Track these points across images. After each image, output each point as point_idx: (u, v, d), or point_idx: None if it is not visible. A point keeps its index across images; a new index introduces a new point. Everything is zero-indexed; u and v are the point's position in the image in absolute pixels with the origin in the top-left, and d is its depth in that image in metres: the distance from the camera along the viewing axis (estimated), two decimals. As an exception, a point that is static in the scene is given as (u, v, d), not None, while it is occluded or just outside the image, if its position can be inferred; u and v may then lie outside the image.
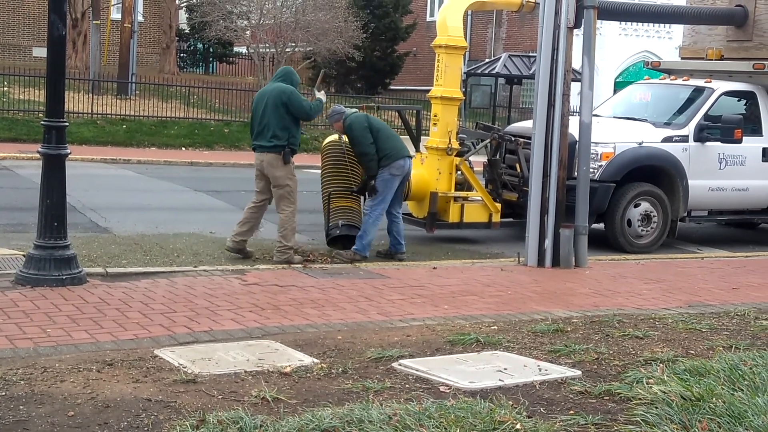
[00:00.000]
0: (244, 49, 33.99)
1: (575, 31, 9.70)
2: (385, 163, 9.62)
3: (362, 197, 10.14)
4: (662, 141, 11.55)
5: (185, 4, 33.68)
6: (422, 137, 11.92)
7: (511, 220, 11.87)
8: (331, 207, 10.07)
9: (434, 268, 9.15)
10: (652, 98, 12.95)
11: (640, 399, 4.81)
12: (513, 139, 11.55)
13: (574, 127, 9.88)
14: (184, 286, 7.46)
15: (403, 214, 11.39)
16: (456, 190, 11.22)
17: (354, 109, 10.12)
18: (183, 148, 21.83)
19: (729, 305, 7.90)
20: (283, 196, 9.13)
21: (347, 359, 5.58)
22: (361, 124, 9.64)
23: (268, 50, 28.94)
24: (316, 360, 5.53)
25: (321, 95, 9.72)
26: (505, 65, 24.03)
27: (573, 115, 10.08)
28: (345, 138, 10.12)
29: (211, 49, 37.65)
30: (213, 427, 4.19)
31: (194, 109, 25.14)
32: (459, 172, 11.24)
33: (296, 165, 9.42)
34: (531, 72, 21.67)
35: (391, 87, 34.14)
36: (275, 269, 8.53)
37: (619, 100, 13.63)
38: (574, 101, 10.61)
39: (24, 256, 7.69)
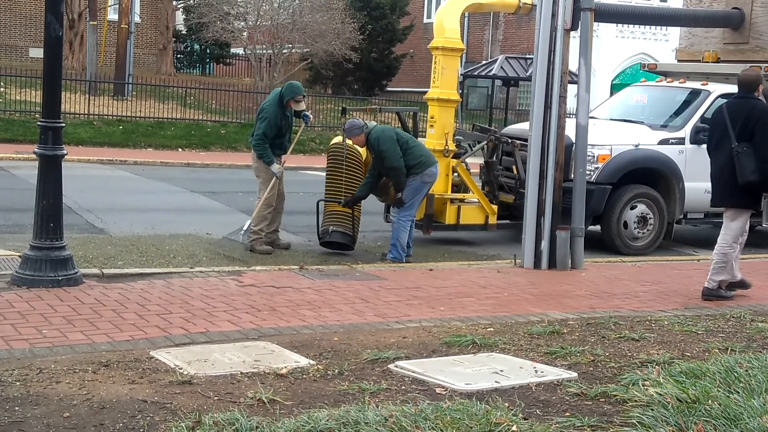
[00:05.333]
0: (241, 51, 34.01)
1: (572, 33, 9.71)
2: (417, 171, 9.63)
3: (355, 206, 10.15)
4: (659, 143, 11.57)
5: (182, 5, 33.67)
6: (419, 139, 11.91)
7: (507, 222, 11.88)
8: (325, 210, 10.13)
9: (431, 269, 9.15)
10: (648, 100, 12.96)
11: (636, 401, 4.81)
12: (510, 141, 11.55)
13: (570, 129, 9.89)
14: (180, 288, 7.45)
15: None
16: (453, 191, 11.23)
17: (373, 122, 10.10)
18: (179, 149, 21.82)
19: (725, 307, 7.92)
20: (260, 188, 10.16)
21: (343, 361, 5.58)
22: (391, 138, 9.58)
23: (265, 51, 28.95)
24: (312, 361, 5.53)
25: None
26: (502, 67, 24.03)
27: (570, 117, 10.09)
28: (348, 141, 10.14)
29: (208, 51, 37.64)
30: (209, 429, 4.19)
31: (191, 110, 25.14)
32: (456, 174, 11.25)
33: (293, 166, 9.48)
34: (528, 74, 21.67)
35: (388, 89, 34.15)
36: (271, 270, 8.52)
37: (616, 102, 13.65)
38: (571, 103, 10.63)
39: (20, 256, 7.67)
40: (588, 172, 10.38)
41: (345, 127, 10.07)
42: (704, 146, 11.69)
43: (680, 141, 11.67)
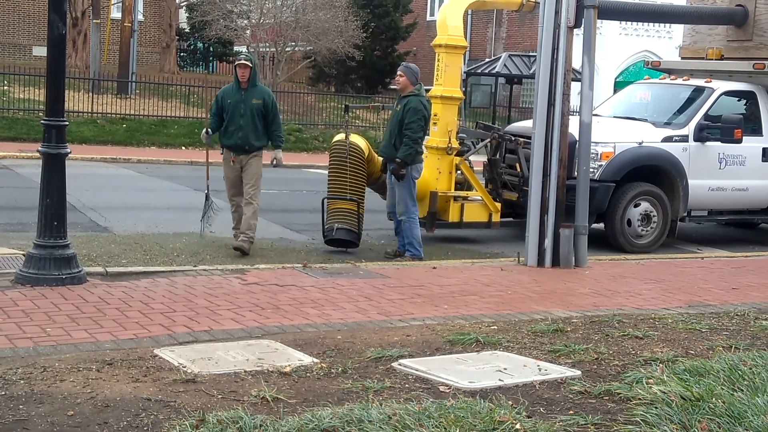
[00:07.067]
0: (244, 48, 33.99)
1: (575, 30, 9.69)
2: (413, 163, 9.59)
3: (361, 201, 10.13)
4: (662, 141, 11.55)
5: (185, 3, 33.66)
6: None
7: (511, 219, 11.88)
8: (329, 208, 10.11)
9: (434, 267, 9.15)
10: (652, 98, 12.95)
11: (639, 399, 4.81)
12: (513, 138, 11.55)
13: (574, 127, 9.88)
14: (183, 286, 7.46)
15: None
16: (456, 189, 11.22)
17: (425, 90, 9.91)
18: (183, 148, 21.83)
19: (729, 305, 7.90)
20: None
21: (347, 359, 5.58)
22: (424, 117, 9.55)
23: (268, 49, 28.95)
24: (315, 360, 5.53)
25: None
26: (505, 65, 24.04)
27: (573, 114, 10.07)
28: (351, 138, 10.14)
29: (211, 48, 37.64)
30: (212, 427, 4.19)
31: (194, 108, 25.13)
32: (459, 172, 11.25)
33: (295, 164, 9.45)
34: (531, 72, 21.67)
35: (392, 86, 34.11)
36: (275, 269, 8.52)
37: (619, 99, 13.64)
38: (574, 101, 10.62)
39: (24, 255, 7.68)
40: (591, 170, 10.37)
41: (408, 63, 10.04)
42: (708, 143, 11.78)
43: (684, 138, 11.65)
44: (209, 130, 10.04)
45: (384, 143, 9.95)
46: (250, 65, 9.57)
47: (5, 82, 23.54)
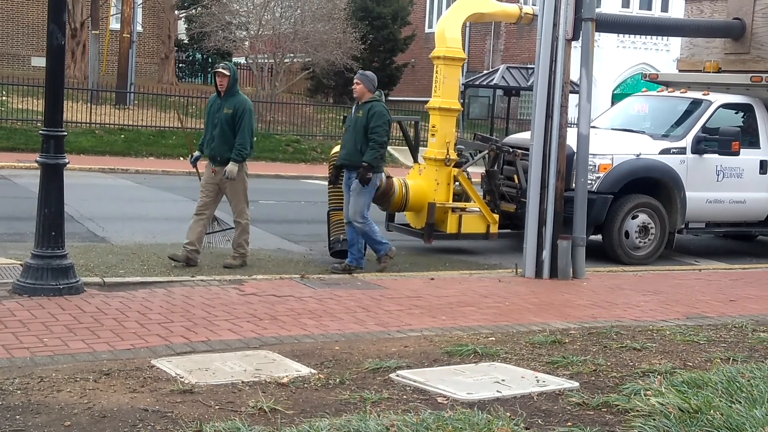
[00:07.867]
0: (242, 60, 34.07)
1: (573, 43, 9.72)
2: (376, 171, 9.45)
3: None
4: (660, 153, 11.57)
5: (184, 14, 33.75)
6: (420, 148, 11.94)
7: (508, 231, 11.87)
8: (333, 220, 10.09)
9: (432, 279, 9.15)
10: (649, 110, 12.97)
11: (637, 411, 4.81)
12: (511, 150, 11.56)
13: (572, 139, 9.89)
14: (181, 296, 7.45)
15: (400, 224, 11.44)
16: (454, 200, 11.22)
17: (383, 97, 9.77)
18: (181, 158, 21.81)
19: (727, 317, 7.91)
20: None
21: (345, 370, 5.58)
22: (388, 121, 9.41)
23: (266, 61, 29.01)
24: (313, 371, 5.52)
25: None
26: (503, 77, 24.06)
27: (571, 126, 10.09)
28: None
29: (210, 60, 37.68)
30: (210, 438, 4.18)
31: (192, 119, 25.14)
32: (457, 183, 11.24)
33: (294, 175, 9.42)
34: (529, 84, 21.71)
35: (390, 98, 34.17)
36: (273, 279, 8.52)
37: (617, 112, 13.65)
38: (572, 113, 10.64)
39: (21, 265, 7.67)
40: (589, 182, 10.38)
41: (363, 70, 9.88)
42: (706, 156, 11.80)
43: (681, 151, 11.67)
44: (193, 154, 10.02)
45: (347, 151, 9.53)
46: (228, 73, 9.32)
47: (4, 93, 23.56)
